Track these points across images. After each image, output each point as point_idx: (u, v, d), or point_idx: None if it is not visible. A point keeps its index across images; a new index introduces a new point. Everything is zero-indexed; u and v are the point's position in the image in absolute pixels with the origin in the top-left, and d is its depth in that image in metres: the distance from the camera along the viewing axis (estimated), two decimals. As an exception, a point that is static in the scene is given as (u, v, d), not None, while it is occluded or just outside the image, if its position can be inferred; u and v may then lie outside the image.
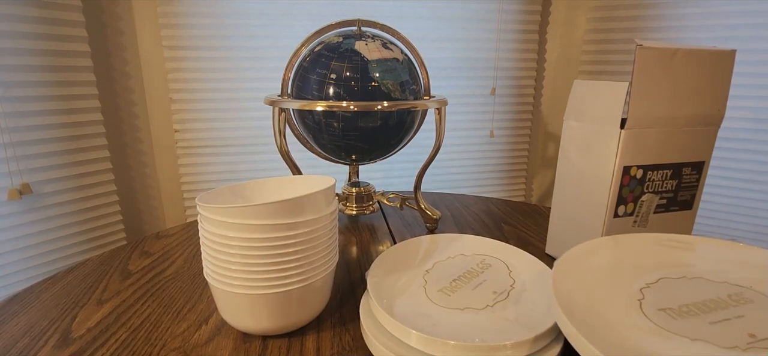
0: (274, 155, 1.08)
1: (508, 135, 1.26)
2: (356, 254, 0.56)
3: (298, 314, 0.38)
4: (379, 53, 0.55)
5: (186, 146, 1.05)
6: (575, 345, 0.28)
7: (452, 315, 0.36)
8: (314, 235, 0.36)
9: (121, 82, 0.99)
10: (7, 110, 0.79)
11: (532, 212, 0.73)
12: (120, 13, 0.96)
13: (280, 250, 0.34)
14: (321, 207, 0.37)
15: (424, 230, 0.64)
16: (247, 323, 0.37)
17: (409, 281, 0.42)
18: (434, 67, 1.13)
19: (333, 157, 0.62)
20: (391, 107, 0.52)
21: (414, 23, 1.08)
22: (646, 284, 0.35)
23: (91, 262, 0.54)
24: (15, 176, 0.81)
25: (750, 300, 0.32)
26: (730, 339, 0.28)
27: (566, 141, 0.50)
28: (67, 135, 0.87)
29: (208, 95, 1.02)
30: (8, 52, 0.78)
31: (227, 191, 0.41)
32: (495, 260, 0.47)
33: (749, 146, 1.01)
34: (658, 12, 1.05)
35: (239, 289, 0.35)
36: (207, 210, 0.34)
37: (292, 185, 0.44)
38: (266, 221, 0.33)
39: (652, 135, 0.44)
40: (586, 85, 0.48)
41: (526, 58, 1.20)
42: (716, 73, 0.44)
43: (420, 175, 0.64)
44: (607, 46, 1.14)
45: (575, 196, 0.50)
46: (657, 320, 0.30)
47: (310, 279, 0.36)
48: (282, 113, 0.55)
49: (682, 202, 0.48)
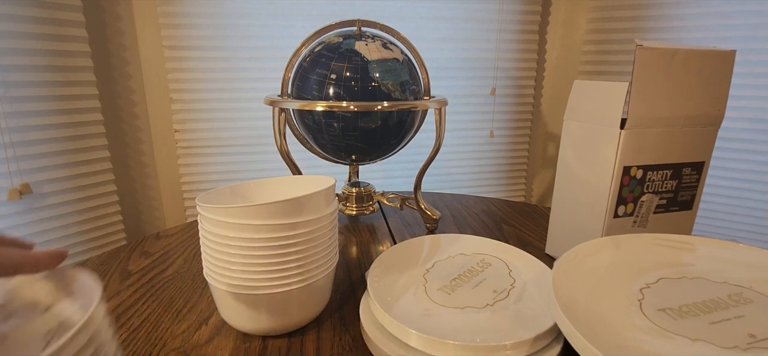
0: (274, 155, 1.08)
1: (508, 135, 1.26)
2: (356, 254, 0.56)
3: (299, 314, 0.38)
4: (379, 53, 0.55)
5: (186, 146, 1.05)
6: (575, 345, 0.28)
7: (452, 314, 0.36)
8: (314, 235, 0.36)
9: (121, 82, 0.99)
10: (7, 110, 0.79)
11: (532, 212, 0.73)
12: (120, 13, 0.96)
13: (280, 250, 0.34)
14: (321, 207, 0.37)
15: (424, 230, 0.64)
16: (247, 323, 0.37)
17: (409, 281, 0.42)
18: (434, 67, 1.13)
19: (333, 157, 0.62)
20: (391, 107, 0.52)
21: (414, 23, 1.08)
22: (646, 284, 0.35)
23: (91, 262, 0.54)
24: (15, 176, 0.81)
25: (750, 300, 0.32)
26: (730, 339, 0.28)
27: (566, 141, 0.50)
28: (67, 135, 0.87)
29: (208, 95, 1.02)
30: (8, 52, 0.78)
31: (227, 191, 0.41)
32: (495, 259, 0.47)
33: (749, 146, 1.01)
34: (658, 12, 1.05)
35: (239, 289, 0.35)
36: (207, 210, 0.34)
37: (292, 185, 0.44)
38: (266, 222, 0.33)
39: (652, 135, 0.44)
40: (586, 85, 0.48)
41: (526, 58, 1.20)
42: (716, 74, 0.44)
43: (420, 175, 0.64)
44: (607, 46, 1.14)
45: (575, 196, 0.50)
46: (657, 320, 0.30)
47: (310, 279, 0.36)
48: (282, 113, 0.55)
49: (682, 202, 0.48)
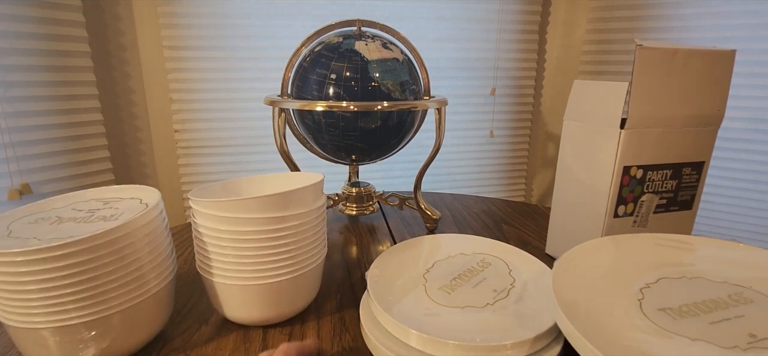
0: (274, 155, 1.08)
1: (508, 135, 1.26)
2: (356, 254, 0.56)
3: (289, 305, 0.39)
4: (379, 53, 0.55)
5: (186, 146, 1.05)
6: (575, 345, 0.28)
7: (453, 314, 0.36)
8: (303, 228, 0.37)
9: (121, 82, 0.99)
10: (7, 110, 0.79)
11: (532, 212, 0.73)
12: (120, 13, 0.96)
13: (269, 243, 0.36)
14: (308, 202, 0.38)
15: (424, 230, 0.64)
16: (236, 313, 0.38)
17: (409, 281, 0.42)
18: (434, 67, 1.13)
19: (333, 157, 0.62)
20: (391, 107, 0.52)
21: (414, 23, 1.08)
22: (646, 284, 0.35)
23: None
24: (15, 176, 0.81)
25: (750, 300, 0.32)
26: (730, 339, 0.28)
27: (566, 141, 0.50)
28: (67, 135, 0.87)
29: (208, 94, 1.02)
30: (8, 52, 0.78)
31: (219, 187, 0.43)
32: (495, 259, 0.46)
33: (749, 146, 1.01)
34: (658, 12, 1.05)
35: (230, 280, 0.36)
36: (199, 204, 0.36)
37: (283, 181, 0.45)
38: (255, 215, 0.35)
39: (652, 135, 0.44)
40: (586, 85, 0.48)
41: (526, 59, 1.20)
42: (716, 74, 0.44)
43: (420, 175, 0.64)
44: (607, 46, 1.14)
45: (575, 196, 0.50)
46: (657, 320, 0.30)
47: (300, 271, 0.38)
48: (282, 113, 0.55)
49: (682, 202, 0.48)
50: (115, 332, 0.32)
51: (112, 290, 0.31)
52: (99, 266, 0.30)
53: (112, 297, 0.31)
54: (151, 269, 0.34)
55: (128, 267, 0.32)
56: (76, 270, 0.29)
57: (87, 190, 0.41)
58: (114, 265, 0.31)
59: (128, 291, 0.32)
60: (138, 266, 0.33)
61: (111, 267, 0.31)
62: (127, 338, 0.33)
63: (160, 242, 0.35)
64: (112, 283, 0.31)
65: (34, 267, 0.28)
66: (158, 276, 0.35)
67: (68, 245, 0.28)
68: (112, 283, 0.31)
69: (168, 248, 0.37)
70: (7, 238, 0.32)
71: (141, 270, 0.33)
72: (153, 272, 0.34)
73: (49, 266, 0.28)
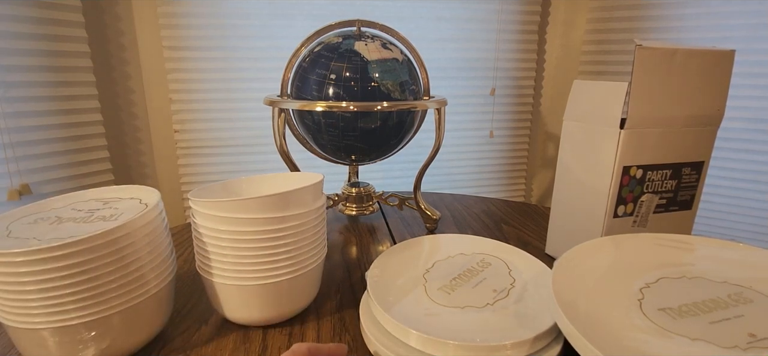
0: (273, 155, 1.08)
1: (507, 135, 1.26)
2: (356, 254, 0.56)
3: (289, 305, 0.39)
4: (379, 54, 0.55)
5: (186, 146, 1.05)
6: (575, 345, 0.28)
7: (453, 314, 0.36)
8: (302, 228, 0.37)
9: (120, 82, 0.99)
10: (7, 110, 0.79)
11: (532, 212, 0.73)
12: (120, 13, 0.96)
13: (269, 243, 0.35)
14: (308, 202, 0.38)
15: (424, 230, 0.64)
16: (236, 313, 0.38)
17: (409, 280, 0.42)
18: (434, 67, 1.13)
19: (333, 157, 0.62)
20: (391, 107, 0.52)
21: (414, 23, 1.08)
22: (646, 284, 0.35)
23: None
24: (15, 176, 0.81)
25: (750, 300, 0.32)
26: (730, 339, 0.28)
27: (566, 141, 0.50)
28: (67, 135, 0.87)
29: (207, 95, 1.02)
30: (8, 52, 0.78)
31: (219, 188, 0.43)
32: (495, 259, 0.46)
33: (749, 146, 1.01)
34: (658, 12, 1.05)
35: (231, 281, 0.36)
36: (198, 205, 0.36)
37: (283, 181, 0.45)
38: (255, 215, 0.35)
39: (652, 135, 0.44)
40: (586, 85, 0.48)
41: (525, 59, 1.20)
42: (716, 74, 0.44)
43: (420, 175, 0.64)
44: (607, 46, 1.14)
45: (575, 196, 0.50)
46: (657, 320, 0.30)
47: (300, 271, 0.38)
48: (282, 113, 0.55)
49: (681, 202, 0.48)
50: (115, 332, 0.32)
51: (111, 290, 0.31)
52: (99, 266, 0.30)
53: (111, 297, 0.31)
54: (151, 269, 0.34)
55: (128, 267, 0.32)
56: (76, 270, 0.29)
57: (87, 190, 0.41)
58: (114, 265, 0.31)
59: (128, 291, 0.32)
60: (138, 266, 0.33)
61: (111, 268, 0.31)
62: (126, 338, 0.33)
63: (159, 242, 0.35)
64: (111, 283, 0.31)
65: (33, 267, 0.28)
66: (158, 277, 0.35)
67: (68, 246, 0.28)
68: (112, 283, 0.31)
69: (168, 249, 0.37)
70: (7, 238, 0.32)
71: (141, 270, 0.33)
72: (153, 272, 0.34)
73: (48, 266, 0.28)
